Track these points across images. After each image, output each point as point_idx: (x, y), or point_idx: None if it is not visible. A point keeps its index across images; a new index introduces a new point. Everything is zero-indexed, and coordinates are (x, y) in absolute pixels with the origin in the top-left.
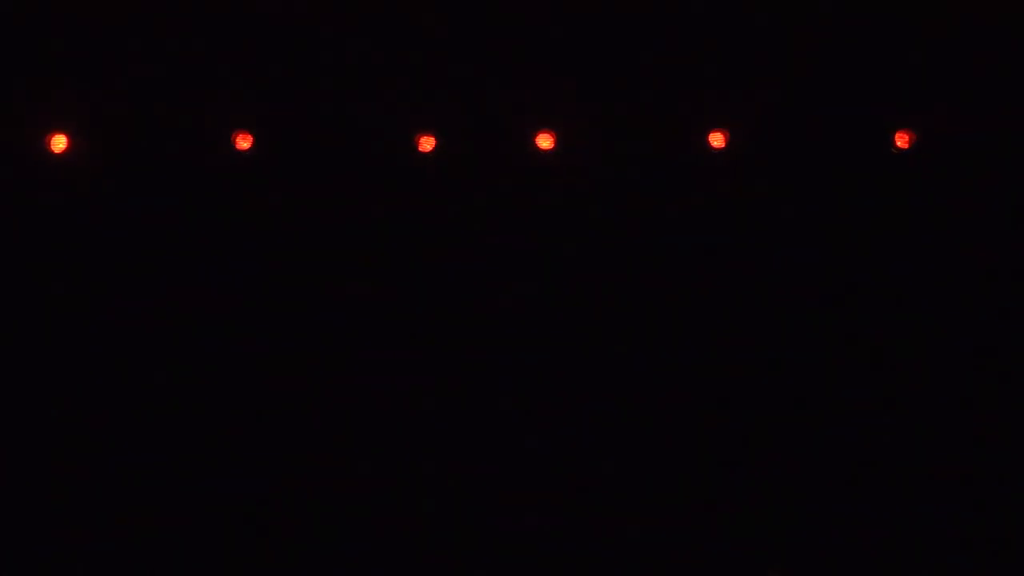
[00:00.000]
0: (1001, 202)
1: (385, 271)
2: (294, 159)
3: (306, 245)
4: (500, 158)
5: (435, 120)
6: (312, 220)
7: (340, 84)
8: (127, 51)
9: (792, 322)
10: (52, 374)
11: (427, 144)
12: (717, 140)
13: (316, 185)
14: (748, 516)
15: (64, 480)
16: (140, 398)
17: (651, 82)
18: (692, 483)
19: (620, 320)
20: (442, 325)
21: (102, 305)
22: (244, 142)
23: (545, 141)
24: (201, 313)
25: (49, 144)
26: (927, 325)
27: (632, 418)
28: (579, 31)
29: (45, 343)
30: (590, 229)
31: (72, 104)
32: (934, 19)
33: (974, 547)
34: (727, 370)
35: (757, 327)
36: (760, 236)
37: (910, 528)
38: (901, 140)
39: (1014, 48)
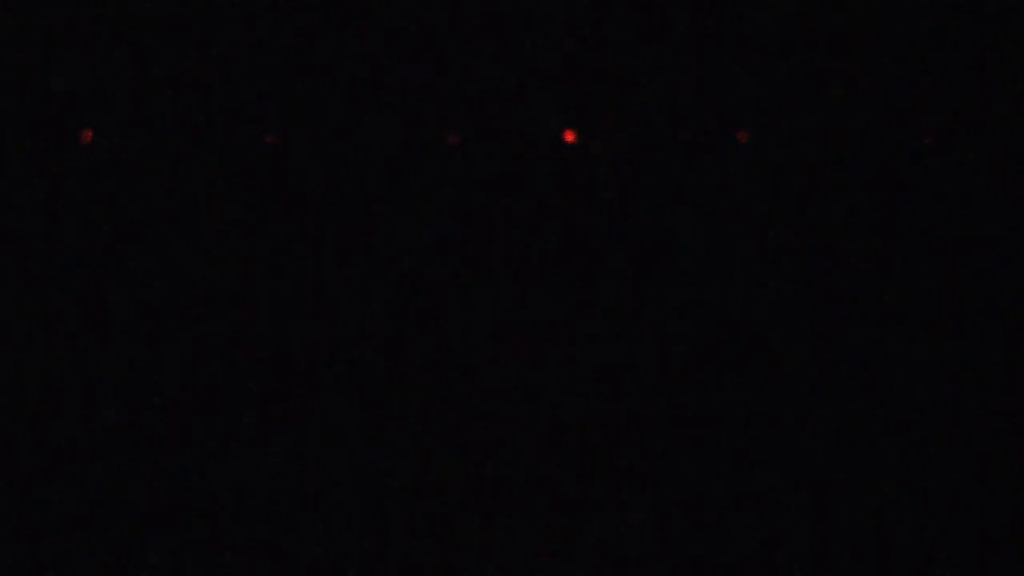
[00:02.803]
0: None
1: (411, 266)
2: (320, 156)
3: (333, 242)
4: (525, 153)
5: (460, 116)
6: (338, 217)
7: (365, 81)
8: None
9: (821, 321)
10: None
11: (454, 139)
12: (743, 136)
13: (342, 182)
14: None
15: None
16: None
17: (677, 78)
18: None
19: (643, 317)
20: (465, 323)
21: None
22: (269, 139)
23: (570, 136)
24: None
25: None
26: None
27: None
28: (602, 25)
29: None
30: (615, 225)
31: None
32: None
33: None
34: (750, 365)
35: (783, 324)
36: (785, 233)
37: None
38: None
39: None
